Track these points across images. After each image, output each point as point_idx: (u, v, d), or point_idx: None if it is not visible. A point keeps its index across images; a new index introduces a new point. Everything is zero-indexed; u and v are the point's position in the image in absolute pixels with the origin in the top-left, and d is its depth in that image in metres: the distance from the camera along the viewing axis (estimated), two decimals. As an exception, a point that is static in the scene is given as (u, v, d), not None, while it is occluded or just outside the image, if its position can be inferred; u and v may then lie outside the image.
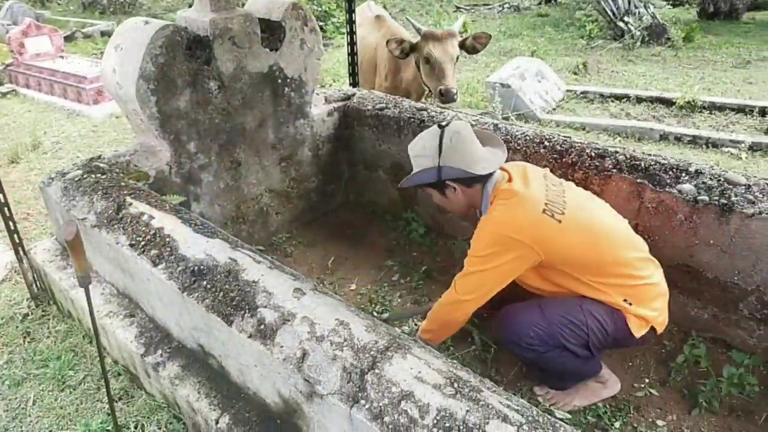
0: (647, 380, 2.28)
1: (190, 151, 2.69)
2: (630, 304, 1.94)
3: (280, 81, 2.93)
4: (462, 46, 3.18)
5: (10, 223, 2.54)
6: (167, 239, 1.94)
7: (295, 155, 3.21)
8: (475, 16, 13.74)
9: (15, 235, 2.59)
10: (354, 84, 3.80)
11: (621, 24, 10.46)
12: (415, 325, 2.52)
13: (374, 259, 3.15)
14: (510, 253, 1.88)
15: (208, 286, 1.74)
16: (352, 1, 3.66)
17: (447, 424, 1.23)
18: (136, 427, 2.03)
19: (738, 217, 2.13)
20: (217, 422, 1.75)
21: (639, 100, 6.45)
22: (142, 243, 1.98)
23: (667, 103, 6.32)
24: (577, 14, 11.78)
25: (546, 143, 2.64)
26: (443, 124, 2.01)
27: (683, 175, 2.29)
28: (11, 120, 5.84)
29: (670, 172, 2.31)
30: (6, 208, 2.48)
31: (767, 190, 2.14)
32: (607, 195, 2.39)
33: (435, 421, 1.24)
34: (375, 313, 2.68)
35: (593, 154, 2.49)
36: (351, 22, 3.71)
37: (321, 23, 10.29)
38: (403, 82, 3.46)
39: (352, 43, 3.75)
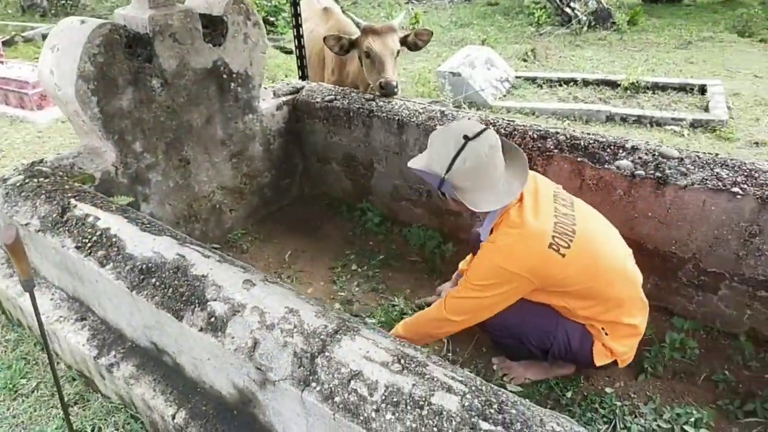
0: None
1: (136, 150, 2.65)
2: (606, 334, 1.97)
3: (225, 76, 2.91)
4: (404, 42, 3.18)
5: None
6: (114, 239, 1.92)
7: (245, 151, 3.20)
8: (426, 7, 13.79)
9: (-44, 246, 2.52)
10: (303, 77, 3.80)
11: (568, 10, 10.69)
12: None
13: (331, 251, 3.17)
14: (508, 285, 1.85)
15: (157, 283, 1.74)
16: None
17: (395, 399, 1.27)
18: (92, 430, 2.00)
19: (672, 189, 2.23)
20: (173, 418, 1.75)
21: (586, 83, 6.62)
22: (89, 245, 1.95)
23: (613, 85, 6.51)
24: (526, 2, 11.96)
25: (491, 128, 2.70)
26: (471, 136, 1.80)
27: (620, 151, 2.39)
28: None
29: (608, 150, 2.40)
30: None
31: (698, 162, 2.25)
32: (550, 174, 2.47)
33: (383, 397, 1.28)
34: (339, 305, 2.71)
35: (535, 136, 2.57)
36: (296, 15, 3.71)
37: (272, 18, 10.19)
38: (350, 75, 3.48)
39: (298, 37, 3.75)
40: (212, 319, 1.58)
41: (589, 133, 2.51)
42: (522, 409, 1.21)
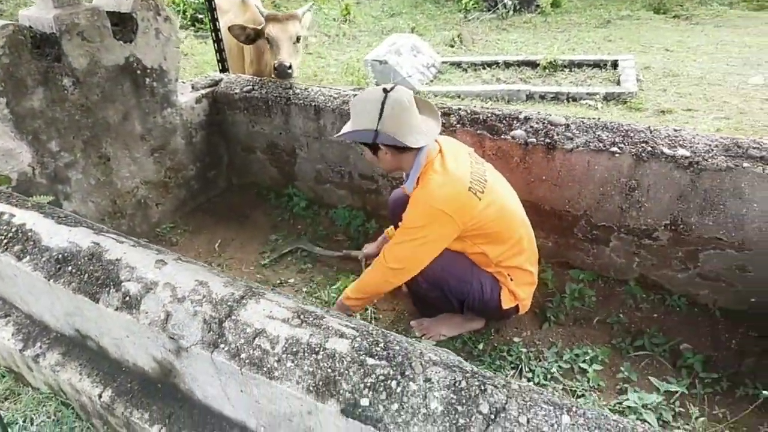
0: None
1: (52, 150, 2.68)
2: (511, 279, 2.21)
3: (139, 72, 2.95)
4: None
5: None
6: (29, 234, 1.97)
7: (167, 145, 3.25)
8: (359, -1, 13.89)
9: None
10: (223, 70, 3.86)
11: (494, -5, 11.00)
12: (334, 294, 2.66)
13: (260, 237, 3.27)
14: (438, 226, 2.02)
15: (73, 270, 1.81)
16: (211, -11, 3.70)
17: (294, 349, 1.40)
18: (24, 421, 2.06)
19: (560, 152, 2.44)
20: (100, 397, 1.83)
21: (507, 65, 6.90)
22: (5, 241, 1.99)
23: (533, 65, 6.81)
24: (455, -12, 12.24)
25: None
26: (388, 89, 2.02)
27: (515, 122, 2.59)
28: None
29: (504, 122, 2.60)
30: None
31: (582, 127, 2.47)
32: (455, 147, 2.64)
33: (284, 348, 1.41)
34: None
35: (440, 113, 2.74)
36: (212, 9, 3.76)
37: (200, 15, 10.07)
38: (267, 65, 3.56)
39: (215, 30, 3.81)
40: (127, 298, 1.67)
41: (487, 108, 2.70)
42: (405, 345, 1.37)
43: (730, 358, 2.24)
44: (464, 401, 1.22)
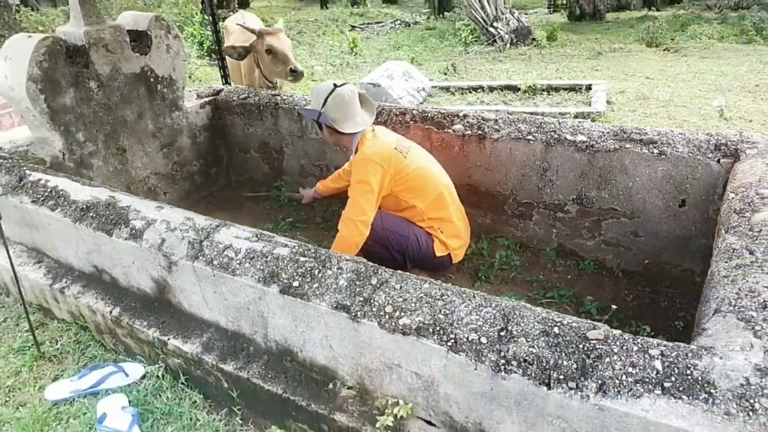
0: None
1: (79, 140, 3.28)
2: (441, 232, 2.76)
3: (152, 80, 3.57)
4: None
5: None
6: (61, 192, 2.56)
7: (175, 142, 3.85)
8: (368, 33, 14.69)
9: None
10: (226, 83, 4.49)
11: (492, 30, 11.73)
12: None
13: (250, 223, 3.81)
14: (373, 175, 2.56)
15: (93, 215, 2.38)
16: (216, 19, 4.37)
17: (251, 255, 1.94)
18: (51, 342, 2.60)
19: (489, 141, 2.99)
20: (111, 313, 2.38)
21: (491, 89, 7.52)
22: (42, 198, 2.58)
23: (515, 89, 7.41)
24: (457, 24, 13.00)
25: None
26: (338, 84, 2.68)
27: (456, 119, 3.15)
28: None
29: (447, 119, 3.16)
30: None
31: (507, 121, 3.02)
32: (409, 138, 3.20)
33: (244, 255, 1.95)
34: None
35: (398, 113, 3.31)
36: (216, 32, 4.42)
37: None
38: (257, 78, 4.16)
39: (219, 51, 4.46)
40: (133, 231, 2.23)
41: (435, 108, 3.27)
42: (330, 253, 1.90)
43: (625, 308, 2.73)
44: (362, 279, 1.75)
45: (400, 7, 21.56)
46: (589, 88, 7.13)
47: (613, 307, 2.29)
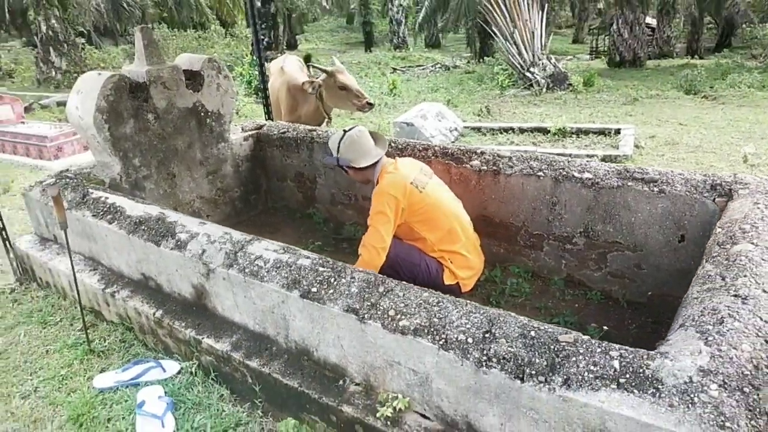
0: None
1: (135, 164, 3.67)
2: (451, 262, 2.98)
3: (202, 114, 3.98)
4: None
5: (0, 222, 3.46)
6: (118, 208, 2.92)
7: (219, 170, 4.23)
8: (408, 76, 15.25)
9: (3, 232, 3.50)
10: (269, 118, 4.90)
11: (528, 74, 12.07)
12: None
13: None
14: (388, 206, 2.81)
15: (145, 228, 2.72)
16: (263, 61, 4.81)
17: (278, 265, 2.23)
18: (100, 340, 2.92)
19: (503, 176, 3.24)
20: (154, 315, 2.69)
21: (522, 130, 7.77)
22: (101, 213, 2.94)
23: (544, 131, 7.65)
24: (495, 69, 13.38)
25: (403, 147, 3.75)
26: (347, 130, 3.04)
27: (473, 156, 3.41)
28: (-21, 176, 6.69)
29: (466, 155, 3.43)
30: (-2, 209, 3.40)
31: (521, 158, 3.27)
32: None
33: (272, 264, 2.24)
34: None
35: (421, 148, 3.60)
36: (262, 73, 4.85)
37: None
38: (302, 117, 4.59)
39: (264, 89, 4.88)
40: (178, 242, 2.55)
41: (455, 145, 3.54)
42: (345, 264, 2.17)
43: (627, 335, 2.89)
44: (371, 287, 2.01)
45: (443, 52, 22.22)
46: (618, 132, 7.30)
47: (605, 328, 2.46)
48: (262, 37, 5.26)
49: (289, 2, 22.16)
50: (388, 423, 1.90)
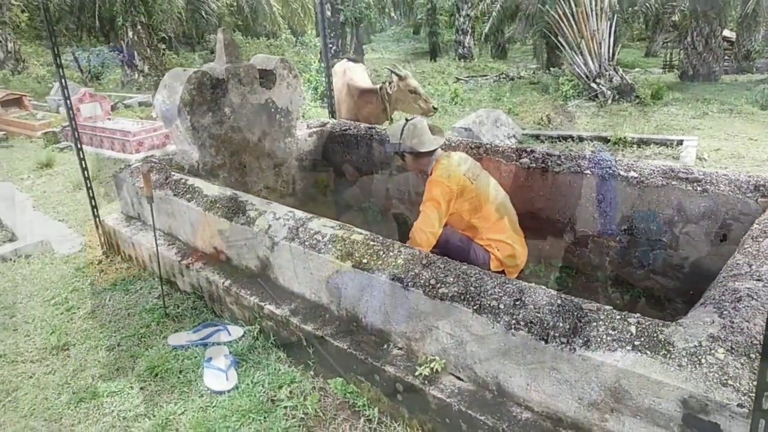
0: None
1: (212, 154, 4.04)
2: (498, 250, 3.16)
3: (273, 110, 4.32)
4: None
5: (93, 202, 3.90)
6: (197, 188, 3.27)
7: (285, 163, 4.56)
8: (472, 85, 15.35)
9: (94, 209, 3.94)
10: (332, 116, 5.21)
11: (594, 85, 11.94)
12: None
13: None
14: (445, 195, 3.04)
15: (218, 206, 3.04)
16: (329, 63, 5.14)
17: (334, 239, 2.48)
18: (174, 306, 3.27)
19: (551, 174, 3.38)
20: (223, 284, 3.00)
21: (581, 139, 7.77)
22: (181, 192, 3.30)
23: (604, 140, 7.63)
24: (561, 80, 13.30)
25: (455, 145, 3.95)
26: (409, 118, 3.28)
27: (523, 154, 3.57)
28: (72, 166, 7.35)
29: (516, 153, 3.59)
30: (90, 189, 3.84)
31: (569, 157, 3.40)
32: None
33: (329, 239, 2.49)
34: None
35: (473, 146, 3.79)
36: (328, 75, 5.16)
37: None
38: (362, 117, 4.88)
39: (329, 90, 5.20)
40: (248, 218, 2.86)
41: (506, 143, 3.71)
42: (392, 240, 2.39)
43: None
44: (415, 260, 2.22)
45: (508, 62, 22.14)
46: (680, 143, 7.20)
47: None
48: (330, 45, 5.60)
49: (357, 12, 22.76)
50: (426, 381, 2.10)
